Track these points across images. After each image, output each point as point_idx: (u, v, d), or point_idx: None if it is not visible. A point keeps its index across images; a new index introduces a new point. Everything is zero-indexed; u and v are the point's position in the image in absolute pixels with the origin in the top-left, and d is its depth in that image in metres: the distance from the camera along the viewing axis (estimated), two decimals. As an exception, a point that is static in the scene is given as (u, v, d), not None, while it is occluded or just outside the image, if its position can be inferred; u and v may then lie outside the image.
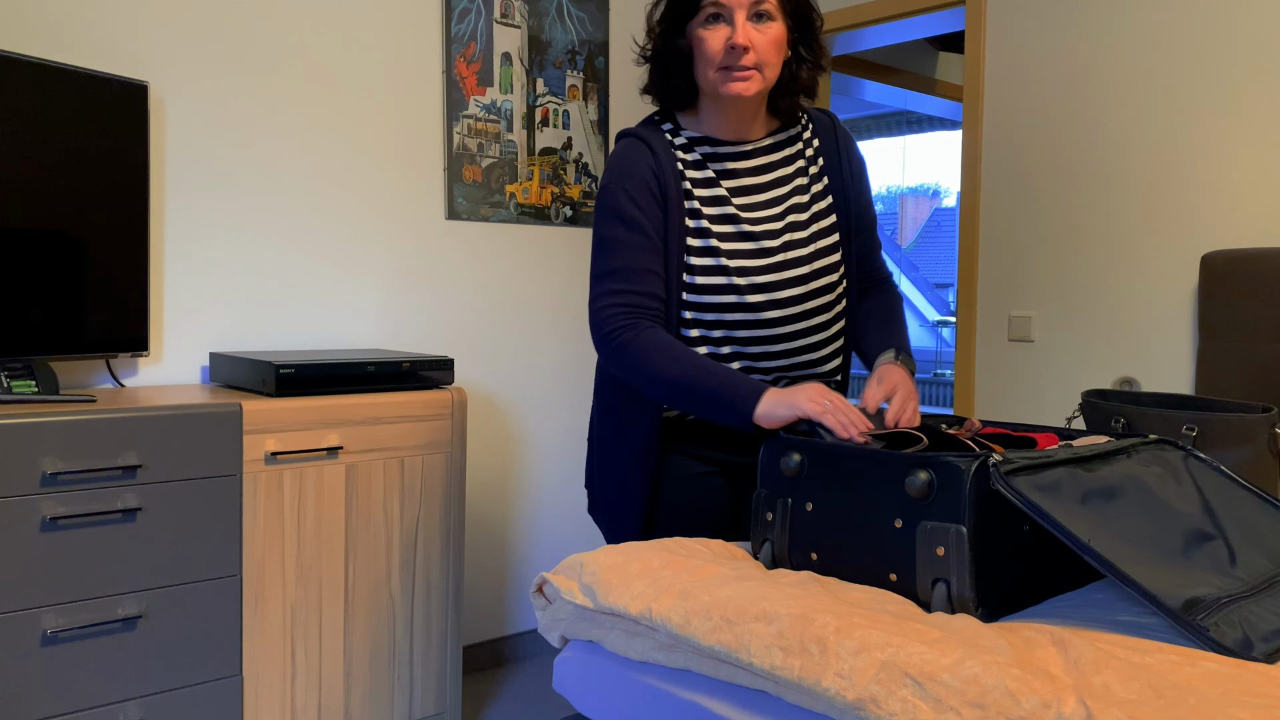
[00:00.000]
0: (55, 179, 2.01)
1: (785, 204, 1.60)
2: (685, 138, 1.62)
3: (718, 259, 1.55)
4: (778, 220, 1.59)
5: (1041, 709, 0.91)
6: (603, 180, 1.60)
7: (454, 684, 2.39)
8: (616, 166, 1.58)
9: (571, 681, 1.37)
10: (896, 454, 1.23)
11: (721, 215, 1.57)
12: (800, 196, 1.61)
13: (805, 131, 1.67)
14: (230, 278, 2.46)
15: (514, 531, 3.05)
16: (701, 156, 1.60)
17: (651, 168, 1.56)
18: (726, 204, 1.58)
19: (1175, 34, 2.65)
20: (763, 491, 1.40)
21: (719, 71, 1.51)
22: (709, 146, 1.61)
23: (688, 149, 1.61)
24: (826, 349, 1.63)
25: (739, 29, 1.48)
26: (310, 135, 2.58)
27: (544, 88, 3.02)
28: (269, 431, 2.05)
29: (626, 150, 1.59)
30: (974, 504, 1.16)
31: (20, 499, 1.76)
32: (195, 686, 1.98)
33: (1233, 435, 1.68)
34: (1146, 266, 2.71)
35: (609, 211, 1.56)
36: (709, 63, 1.52)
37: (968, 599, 1.15)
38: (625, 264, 1.53)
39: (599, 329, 1.54)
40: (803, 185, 1.62)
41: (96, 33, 2.25)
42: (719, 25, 1.51)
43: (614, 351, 1.52)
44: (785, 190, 1.61)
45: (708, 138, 1.61)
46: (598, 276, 1.56)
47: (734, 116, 1.59)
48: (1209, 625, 1.03)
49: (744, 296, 1.55)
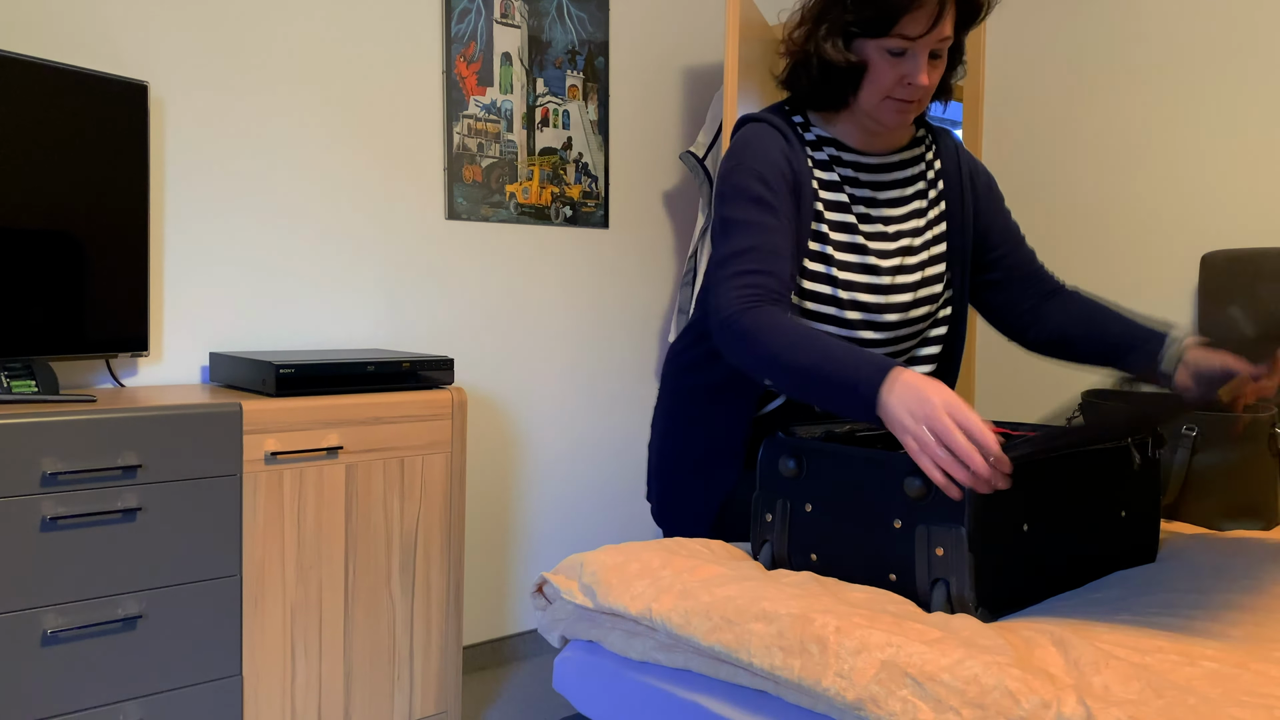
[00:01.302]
0: (55, 179, 2.01)
1: (901, 224, 1.55)
2: (815, 135, 1.54)
3: (829, 268, 1.48)
4: (891, 240, 1.53)
5: (1041, 709, 0.91)
6: (728, 162, 1.48)
7: (454, 684, 2.39)
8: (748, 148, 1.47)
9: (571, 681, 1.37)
10: (895, 455, 1.23)
11: (840, 223, 1.50)
12: (917, 220, 1.56)
13: (929, 152, 1.61)
14: (230, 278, 2.46)
15: (514, 531, 3.05)
16: (829, 158, 1.53)
17: (786, 155, 1.47)
18: (847, 212, 1.51)
19: (1175, 34, 2.65)
20: (761, 492, 1.40)
21: (886, 99, 1.45)
22: (836, 149, 1.54)
23: (816, 147, 1.53)
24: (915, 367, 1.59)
25: (923, 70, 1.42)
26: (310, 135, 2.58)
27: (544, 88, 3.02)
28: (269, 431, 2.05)
29: (760, 133, 1.49)
30: (973, 504, 1.16)
31: (20, 499, 1.76)
32: (195, 686, 1.98)
33: (1233, 435, 1.68)
34: (1146, 266, 2.71)
35: (739, 192, 1.44)
36: (879, 89, 1.44)
37: (967, 599, 1.15)
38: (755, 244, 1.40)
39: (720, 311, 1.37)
40: (920, 208, 1.57)
41: (96, 33, 2.25)
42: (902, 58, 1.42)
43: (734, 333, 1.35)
44: (903, 211, 1.55)
45: (836, 140, 1.54)
46: (723, 260, 1.41)
47: (875, 133, 1.54)
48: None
49: (843, 311, 1.49)
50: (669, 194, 3.39)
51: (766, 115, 1.53)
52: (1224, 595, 1.20)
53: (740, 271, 1.39)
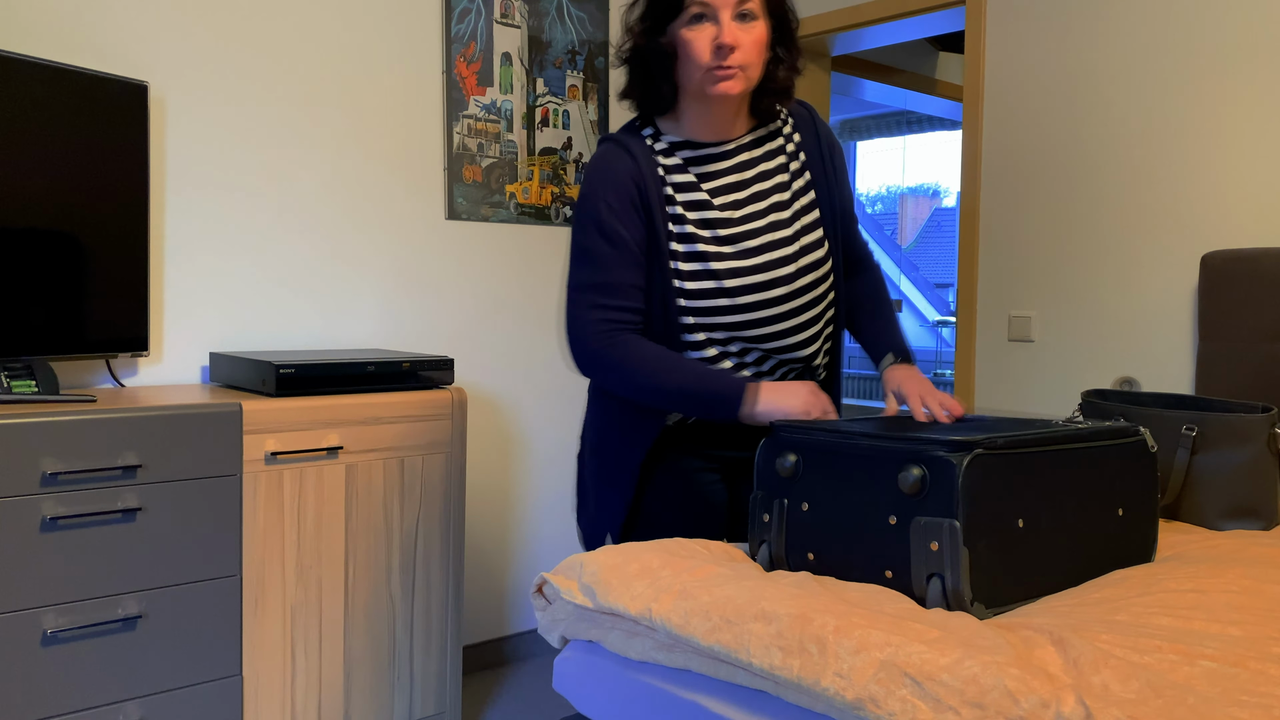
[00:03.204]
0: (55, 179, 2.01)
1: (767, 200, 1.60)
2: (666, 142, 1.61)
3: (706, 263, 1.55)
4: (760, 218, 1.59)
5: (1040, 708, 0.91)
6: (583, 188, 1.59)
7: (454, 684, 2.39)
8: (597, 175, 1.57)
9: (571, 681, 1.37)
10: (890, 450, 1.23)
11: (704, 220, 1.56)
12: (781, 194, 1.62)
13: (785, 126, 1.66)
14: (230, 278, 2.46)
15: (514, 531, 3.05)
16: (683, 161, 1.59)
17: (633, 176, 1.55)
18: (709, 208, 1.57)
19: (1175, 34, 2.65)
20: (759, 493, 1.40)
21: (706, 72, 1.50)
22: (689, 150, 1.60)
23: (668, 154, 1.60)
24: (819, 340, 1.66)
25: (725, 28, 1.47)
26: (310, 135, 2.58)
27: (544, 88, 3.02)
28: (269, 431, 2.05)
29: (607, 156, 1.57)
30: (967, 498, 1.16)
31: (20, 499, 1.76)
32: (195, 686, 1.98)
33: (1233, 435, 1.68)
34: (1146, 266, 2.71)
35: (590, 222, 1.55)
36: (695, 63, 1.50)
37: (963, 593, 1.15)
38: (604, 279, 1.53)
39: (579, 342, 1.55)
40: (784, 182, 1.63)
41: (96, 33, 2.25)
42: (704, 25, 1.49)
43: (597, 364, 1.54)
44: (767, 186, 1.61)
45: (688, 141, 1.60)
46: (577, 288, 1.56)
47: (717, 116, 1.58)
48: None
49: (735, 299, 1.55)
50: (669, 194, 3.39)
51: (617, 135, 1.61)
52: (1223, 595, 1.20)
53: (596, 304, 1.53)
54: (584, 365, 1.56)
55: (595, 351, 1.53)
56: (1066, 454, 1.30)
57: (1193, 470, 1.70)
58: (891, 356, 1.63)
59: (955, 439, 1.18)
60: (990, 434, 1.22)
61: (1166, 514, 1.75)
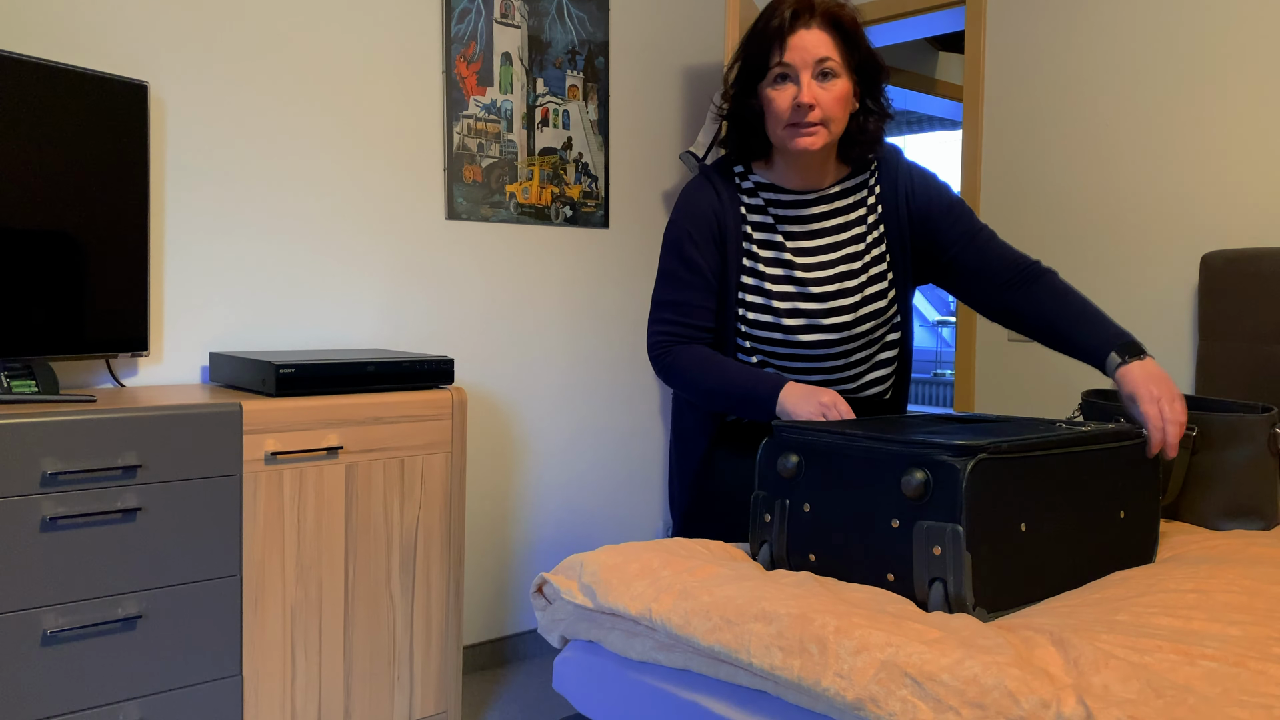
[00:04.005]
0: (55, 179, 2.01)
1: (840, 251, 1.71)
2: (753, 182, 1.74)
3: (768, 299, 1.69)
4: (829, 268, 1.70)
5: (1041, 709, 0.91)
6: (672, 214, 1.76)
7: (454, 684, 2.39)
8: (684, 206, 1.74)
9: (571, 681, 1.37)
10: (893, 453, 1.23)
11: (774, 259, 1.70)
12: (856, 246, 1.72)
13: (872, 179, 1.76)
14: (230, 278, 2.46)
15: (514, 531, 3.05)
16: (764, 202, 1.73)
17: (714, 210, 1.71)
18: (781, 249, 1.71)
19: (1176, 34, 2.65)
20: (760, 493, 1.40)
21: (787, 128, 1.62)
22: (773, 193, 1.73)
23: (753, 194, 1.73)
24: (873, 378, 1.78)
25: (805, 88, 1.58)
26: (310, 135, 2.58)
27: (544, 88, 3.02)
28: (269, 431, 2.05)
29: (696, 190, 1.74)
30: (970, 503, 1.16)
31: (20, 499, 1.76)
32: (195, 686, 1.98)
33: (1233, 435, 1.68)
34: (1146, 266, 2.71)
35: (672, 247, 1.73)
36: (777, 120, 1.62)
37: (965, 598, 1.15)
38: (678, 298, 1.71)
39: (651, 350, 1.73)
40: (861, 234, 1.73)
41: (96, 33, 2.25)
42: (786, 85, 1.61)
43: (661, 369, 1.71)
44: (843, 238, 1.72)
45: (773, 185, 1.73)
46: (657, 304, 1.74)
47: (803, 167, 1.70)
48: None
49: (792, 335, 1.69)
50: (669, 194, 3.39)
51: (708, 170, 1.78)
52: (1223, 595, 1.20)
53: (664, 319, 1.72)
54: (656, 371, 1.75)
55: (657, 359, 1.72)
56: (1069, 457, 1.30)
57: (1193, 470, 1.70)
58: (1116, 356, 1.56)
59: (959, 443, 1.18)
60: (994, 437, 1.22)
61: (1166, 514, 1.75)
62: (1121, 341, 1.58)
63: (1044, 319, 1.68)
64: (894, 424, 1.41)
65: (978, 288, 1.75)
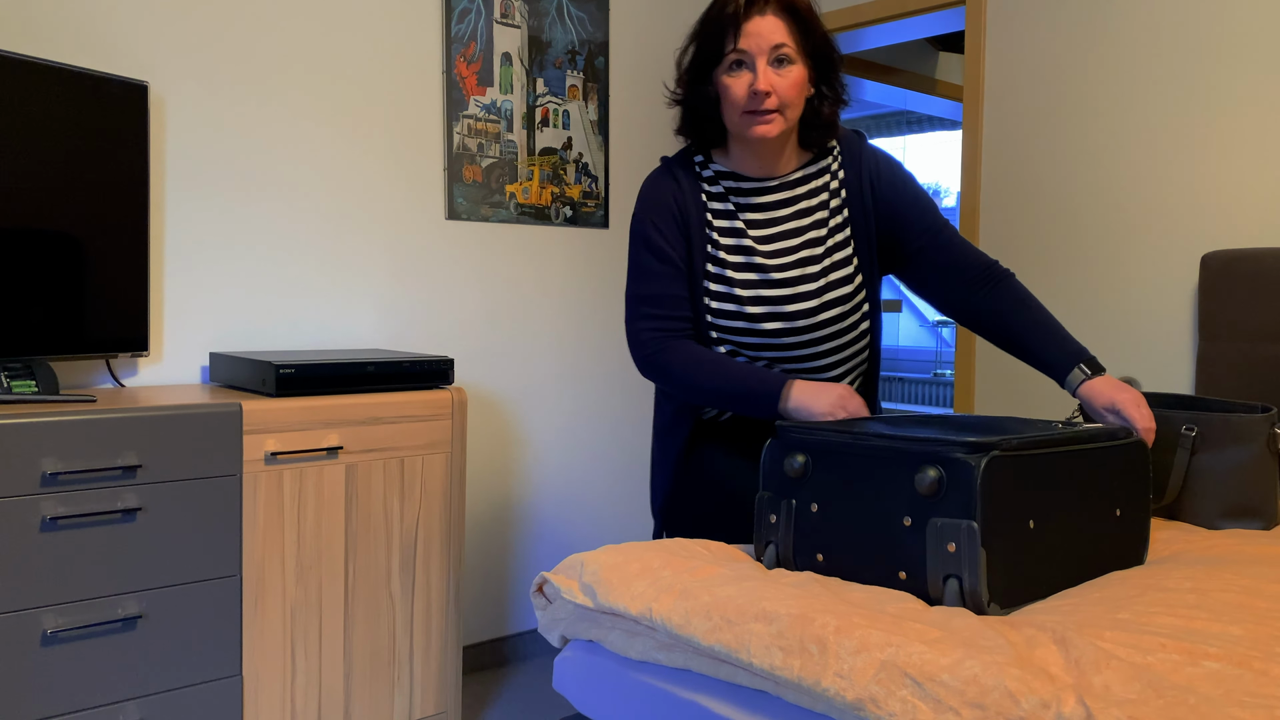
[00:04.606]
0: (55, 179, 2.01)
1: (801, 237, 1.68)
2: (713, 171, 1.71)
3: (731, 288, 1.66)
4: (790, 254, 1.67)
5: (1041, 709, 0.91)
6: (635, 209, 1.73)
7: (454, 684, 2.39)
8: (645, 197, 1.71)
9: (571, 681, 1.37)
10: (905, 451, 1.23)
11: (736, 246, 1.67)
12: (818, 230, 1.69)
13: (834, 163, 1.73)
14: (230, 277, 2.46)
15: (514, 531, 3.05)
16: (724, 190, 1.70)
17: (675, 198, 1.68)
18: (743, 236, 1.68)
19: (1175, 34, 2.65)
20: (765, 494, 1.40)
21: (743, 115, 1.60)
22: (733, 181, 1.71)
23: (713, 182, 1.71)
24: (843, 367, 1.73)
25: (760, 75, 1.56)
26: (310, 135, 2.58)
27: (544, 88, 3.02)
28: (269, 431, 2.05)
29: (655, 181, 1.72)
30: (985, 499, 1.16)
31: (20, 499, 1.76)
32: (195, 686, 1.98)
33: (1232, 435, 1.68)
34: (1146, 266, 2.71)
35: (639, 240, 1.70)
36: (734, 107, 1.60)
37: (980, 594, 1.15)
38: (655, 291, 1.67)
39: (637, 349, 1.69)
40: (822, 219, 1.70)
41: (96, 33, 2.25)
42: (742, 72, 1.59)
43: (652, 369, 1.67)
44: (804, 223, 1.69)
45: (734, 173, 1.71)
46: (632, 299, 1.70)
47: (761, 154, 1.68)
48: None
49: (756, 324, 1.65)
50: (669, 194, 3.39)
51: (668, 160, 1.75)
52: (1224, 595, 1.20)
53: (646, 314, 1.68)
54: (641, 368, 1.70)
55: (646, 357, 1.68)
56: (1073, 455, 1.30)
57: (1192, 470, 1.70)
58: (1080, 371, 1.59)
59: (971, 440, 1.18)
60: (1002, 435, 1.23)
61: (1166, 514, 1.75)
62: (1084, 359, 1.61)
63: (1005, 325, 1.68)
64: (899, 423, 1.41)
65: (940, 284, 1.73)
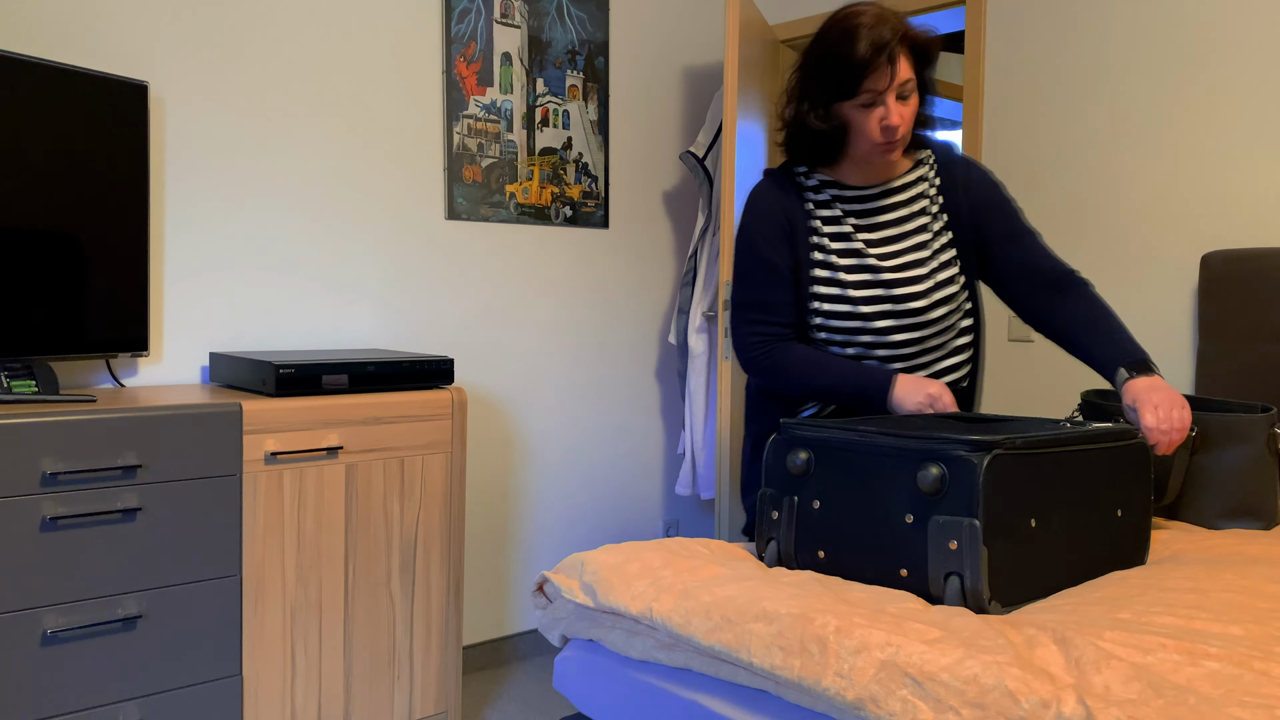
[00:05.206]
0: (55, 179, 2.01)
1: (908, 241, 1.77)
2: (817, 180, 1.80)
3: (844, 289, 1.73)
4: (899, 256, 1.76)
5: (1041, 709, 0.91)
6: (742, 218, 1.82)
7: (454, 684, 2.39)
8: (752, 207, 1.80)
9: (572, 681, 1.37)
10: (907, 449, 1.23)
11: (847, 250, 1.75)
12: (923, 235, 1.78)
13: (930, 171, 1.83)
14: (230, 278, 2.46)
15: (514, 531, 3.05)
16: (831, 197, 1.79)
17: (782, 206, 1.77)
18: (852, 239, 1.76)
19: (1175, 34, 2.65)
20: (767, 491, 1.40)
21: (873, 146, 1.69)
22: (838, 189, 1.80)
23: (818, 190, 1.80)
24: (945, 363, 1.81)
25: (892, 111, 1.65)
26: (310, 135, 2.58)
27: (544, 88, 3.02)
28: (269, 431, 2.05)
29: (762, 191, 1.80)
30: (987, 497, 1.16)
31: (20, 499, 1.76)
32: (195, 686, 1.98)
33: (1233, 435, 1.68)
34: (1146, 266, 2.71)
35: (746, 249, 1.78)
36: (866, 140, 1.69)
37: (981, 592, 1.15)
38: (761, 299, 1.76)
39: (744, 352, 1.78)
40: (925, 224, 1.79)
41: (96, 33, 2.25)
42: (875, 108, 1.67)
43: (761, 370, 1.76)
44: (910, 227, 1.78)
45: (837, 182, 1.80)
46: (739, 305, 1.79)
47: (874, 170, 1.79)
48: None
49: (870, 322, 1.73)
50: (669, 194, 3.39)
51: (771, 173, 1.84)
52: (1224, 594, 1.20)
53: (752, 319, 1.77)
54: (747, 370, 1.79)
55: (752, 359, 1.77)
56: (1075, 455, 1.30)
57: (1192, 470, 1.70)
58: (1124, 372, 1.64)
59: (973, 438, 1.19)
60: (1006, 434, 1.23)
61: (1166, 514, 1.75)
62: (1132, 359, 1.65)
63: (1068, 327, 1.75)
64: (901, 422, 1.42)
65: (1016, 286, 1.82)
